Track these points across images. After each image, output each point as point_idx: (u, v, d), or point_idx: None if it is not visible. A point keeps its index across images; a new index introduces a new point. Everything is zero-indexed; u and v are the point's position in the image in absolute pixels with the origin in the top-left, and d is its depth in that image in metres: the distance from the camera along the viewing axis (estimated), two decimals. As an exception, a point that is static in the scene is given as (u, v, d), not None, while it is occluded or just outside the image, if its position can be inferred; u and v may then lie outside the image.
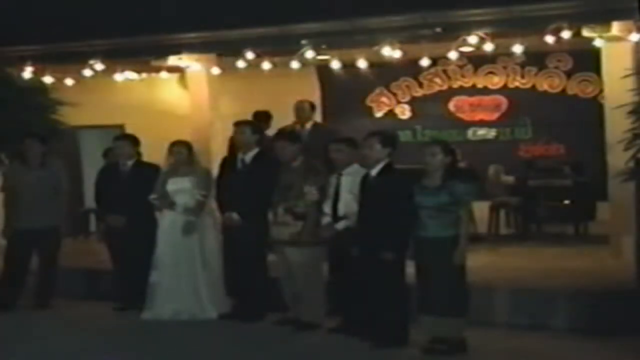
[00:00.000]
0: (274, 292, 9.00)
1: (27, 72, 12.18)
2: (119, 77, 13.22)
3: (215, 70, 12.63)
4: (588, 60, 11.83)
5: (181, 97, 14.03)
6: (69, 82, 13.15)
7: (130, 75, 13.43)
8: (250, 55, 11.50)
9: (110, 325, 9.41)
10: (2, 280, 10.12)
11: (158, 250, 9.44)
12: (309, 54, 11.24)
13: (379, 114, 14.36)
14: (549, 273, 9.69)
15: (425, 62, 11.93)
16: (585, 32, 10.33)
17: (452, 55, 11.19)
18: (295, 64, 11.76)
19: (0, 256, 10.20)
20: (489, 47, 10.52)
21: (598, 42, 10.45)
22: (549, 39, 10.16)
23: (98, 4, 11.79)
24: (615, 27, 10.12)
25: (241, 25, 11.18)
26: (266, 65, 11.97)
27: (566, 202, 12.38)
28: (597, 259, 10.44)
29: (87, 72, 12.50)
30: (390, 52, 10.89)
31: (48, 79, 12.49)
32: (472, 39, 10.39)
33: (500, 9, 10.05)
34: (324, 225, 8.44)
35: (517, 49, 10.86)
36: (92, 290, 10.78)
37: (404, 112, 14.23)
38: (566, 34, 10.00)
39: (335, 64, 12.27)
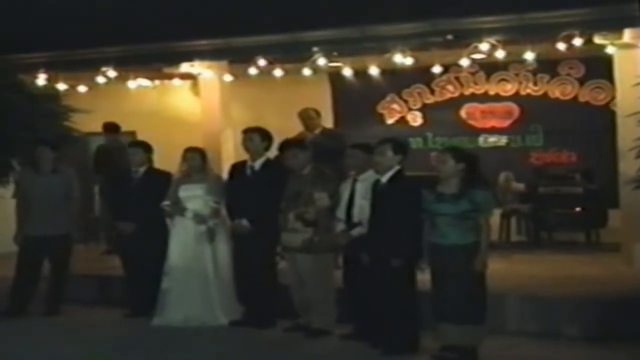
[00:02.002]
0: (285, 298, 9.00)
1: (40, 79, 12.24)
2: (131, 84, 13.26)
3: (227, 78, 12.64)
4: (600, 68, 11.81)
5: (193, 104, 14.05)
6: (81, 89, 13.20)
7: (143, 82, 13.47)
8: (262, 62, 11.52)
9: (121, 332, 9.42)
10: (13, 287, 10.14)
11: (169, 256, 9.47)
12: (321, 61, 11.26)
13: (390, 121, 14.34)
14: (560, 280, 9.67)
15: (437, 69, 11.93)
16: (597, 40, 10.32)
17: (464, 62, 11.19)
18: (307, 71, 11.78)
19: (12, 262, 10.23)
20: (500, 54, 10.53)
21: (610, 50, 10.43)
22: (561, 46, 10.16)
23: (110, 11, 11.84)
24: (627, 35, 10.10)
25: (253, 33, 11.21)
26: (278, 72, 11.99)
27: (577, 209, 12.35)
28: (608, 266, 10.41)
29: (100, 79, 12.55)
30: (402, 60, 10.91)
31: (61, 86, 12.52)
32: (484, 46, 10.40)
33: (512, 16, 10.05)
34: (339, 232, 8.43)
35: (529, 56, 10.84)
36: (102, 296, 10.81)
37: (415, 119, 14.21)
38: (578, 41, 9.99)
39: (347, 71, 12.29)
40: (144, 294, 9.63)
